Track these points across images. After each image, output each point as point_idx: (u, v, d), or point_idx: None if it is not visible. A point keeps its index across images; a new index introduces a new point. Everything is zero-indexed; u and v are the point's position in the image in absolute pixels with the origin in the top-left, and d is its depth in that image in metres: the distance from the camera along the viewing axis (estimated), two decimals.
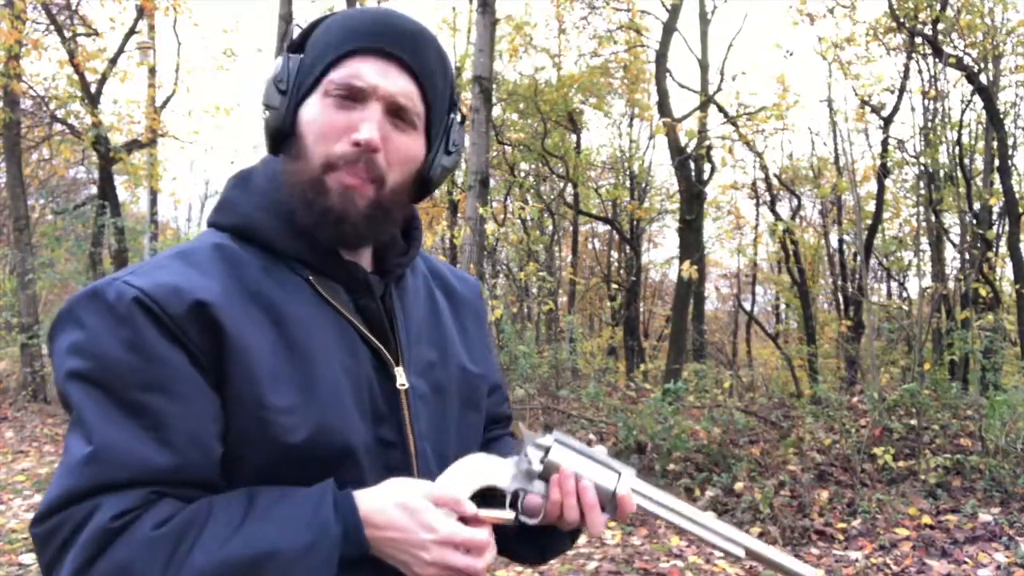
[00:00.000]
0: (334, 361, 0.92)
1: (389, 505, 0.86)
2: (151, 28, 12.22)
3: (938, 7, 8.08)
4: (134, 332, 0.84)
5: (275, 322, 0.90)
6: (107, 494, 0.80)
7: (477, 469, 0.93)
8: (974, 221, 9.42)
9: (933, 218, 9.58)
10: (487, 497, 0.92)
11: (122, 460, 0.81)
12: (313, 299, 0.94)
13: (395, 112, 0.94)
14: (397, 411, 0.96)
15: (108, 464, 0.81)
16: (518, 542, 1.02)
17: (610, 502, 0.92)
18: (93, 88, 11.14)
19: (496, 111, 13.05)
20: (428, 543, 0.85)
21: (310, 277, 0.95)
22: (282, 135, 0.97)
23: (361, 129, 0.91)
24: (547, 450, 0.92)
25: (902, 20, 8.34)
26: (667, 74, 10.65)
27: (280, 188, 0.96)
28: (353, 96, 0.92)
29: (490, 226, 7.74)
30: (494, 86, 9.69)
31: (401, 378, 0.97)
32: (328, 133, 0.92)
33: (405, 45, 0.95)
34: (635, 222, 15.03)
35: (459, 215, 9.30)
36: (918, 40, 8.63)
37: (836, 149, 11.96)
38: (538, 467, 0.92)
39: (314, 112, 0.94)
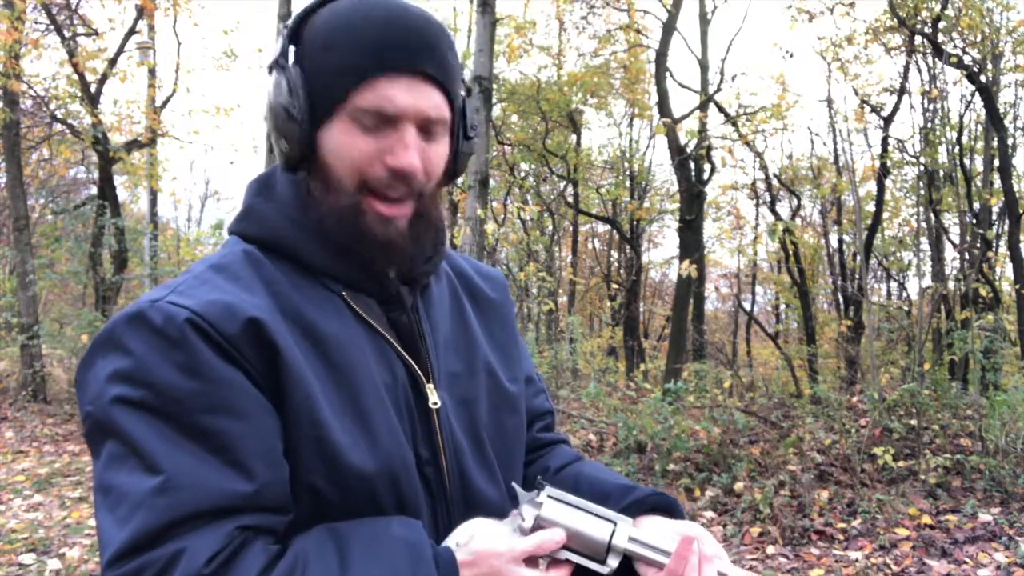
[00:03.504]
0: (376, 381, 0.90)
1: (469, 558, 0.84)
2: (151, 28, 12.25)
3: (938, 7, 8.08)
4: (189, 355, 0.79)
5: (313, 341, 0.87)
6: (188, 531, 0.75)
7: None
8: (974, 221, 9.43)
9: (933, 218, 9.58)
10: None
11: (197, 487, 0.76)
12: (348, 316, 0.91)
13: (426, 127, 0.90)
14: (429, 428, 0.94)
15: (183, 492, 0.75)
16: None
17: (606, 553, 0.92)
18: (93, 88, 11.15)
19: (496, 111, 13.05)
20: None
21: (344, 293, 0.92)
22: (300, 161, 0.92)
23: (399, 156, 0.87)
24: (540, 507, 0.92)
25: (903, 18, 8.33)
26: (667, 74, 10.67)
27: (302, 200, 0.93)
28: (383, 120, 0.87)
29: (490, 226, 7.75)
30: (494, 86, 9.69)
31: (433, 396, 0.95)
32: (360, 160, 0.88)
33: (431, 56, 0.88)
34: (635, 222, 15.04)
35: (459, 215, 9.31)
36: (918, 40, 8.63)
37: (836, 149, 11.98)
38: (530, 524, 0.92)
39: (340, 141, 0.88)
